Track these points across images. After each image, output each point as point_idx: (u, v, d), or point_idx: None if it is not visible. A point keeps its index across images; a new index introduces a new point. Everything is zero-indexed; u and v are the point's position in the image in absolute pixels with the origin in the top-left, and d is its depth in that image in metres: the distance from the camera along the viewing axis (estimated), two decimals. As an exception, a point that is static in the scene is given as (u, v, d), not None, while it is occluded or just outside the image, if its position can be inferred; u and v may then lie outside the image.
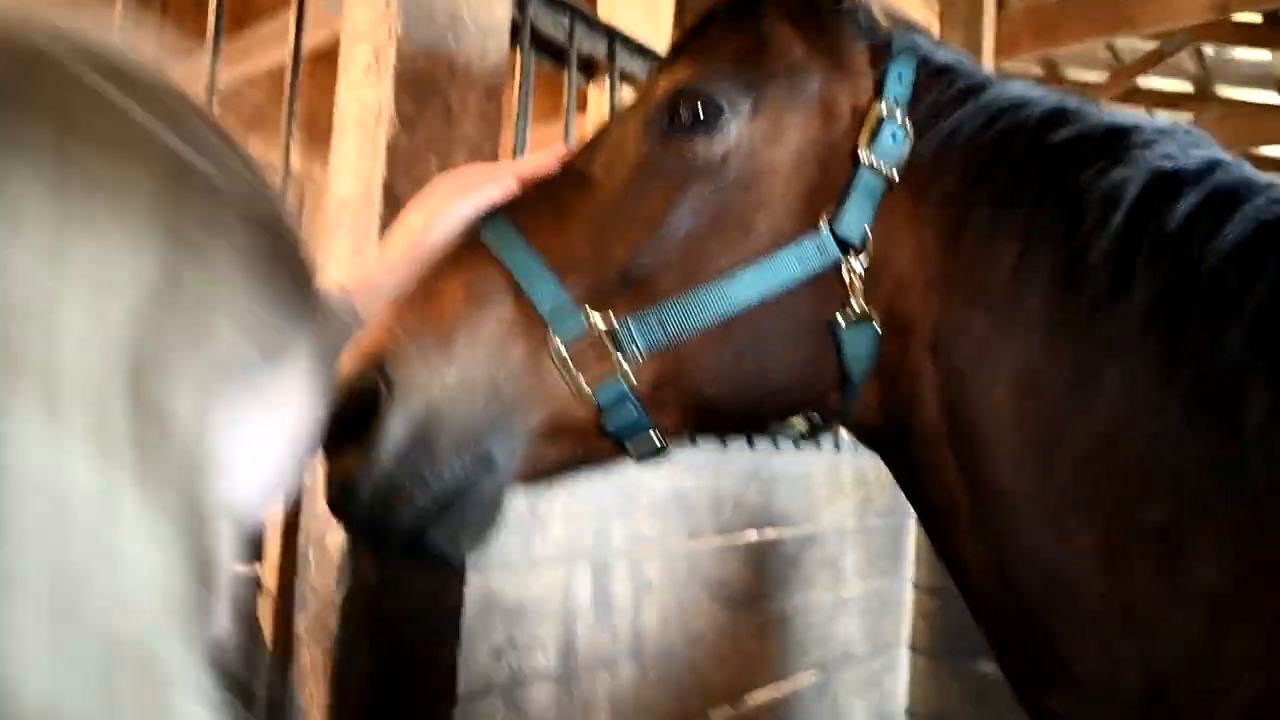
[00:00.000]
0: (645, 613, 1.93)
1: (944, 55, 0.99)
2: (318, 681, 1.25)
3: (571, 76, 1.83)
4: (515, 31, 1.69)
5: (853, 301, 0.89)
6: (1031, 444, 0.88)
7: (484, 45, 1.42)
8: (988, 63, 3.65)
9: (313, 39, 3.18)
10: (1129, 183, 0.85)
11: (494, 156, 1.45)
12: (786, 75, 0.92)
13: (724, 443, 2.20)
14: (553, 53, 1.85)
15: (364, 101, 1.34)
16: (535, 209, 0.91)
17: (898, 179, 0.90)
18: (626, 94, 2.10)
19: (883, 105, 0.91)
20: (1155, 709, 0.85)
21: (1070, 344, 0.86)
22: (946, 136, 0.91)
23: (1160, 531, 0.84)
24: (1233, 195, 0.85)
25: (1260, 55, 6.41)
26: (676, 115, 0.89)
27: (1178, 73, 7.34)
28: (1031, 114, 0.92)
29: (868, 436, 1.02)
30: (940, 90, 0.94)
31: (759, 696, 2.32)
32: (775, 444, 2.40)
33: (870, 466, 2.89)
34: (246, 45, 4.71)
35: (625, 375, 0.85)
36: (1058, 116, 0.92)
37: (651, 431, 0.89)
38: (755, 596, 2.30)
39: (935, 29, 3.69)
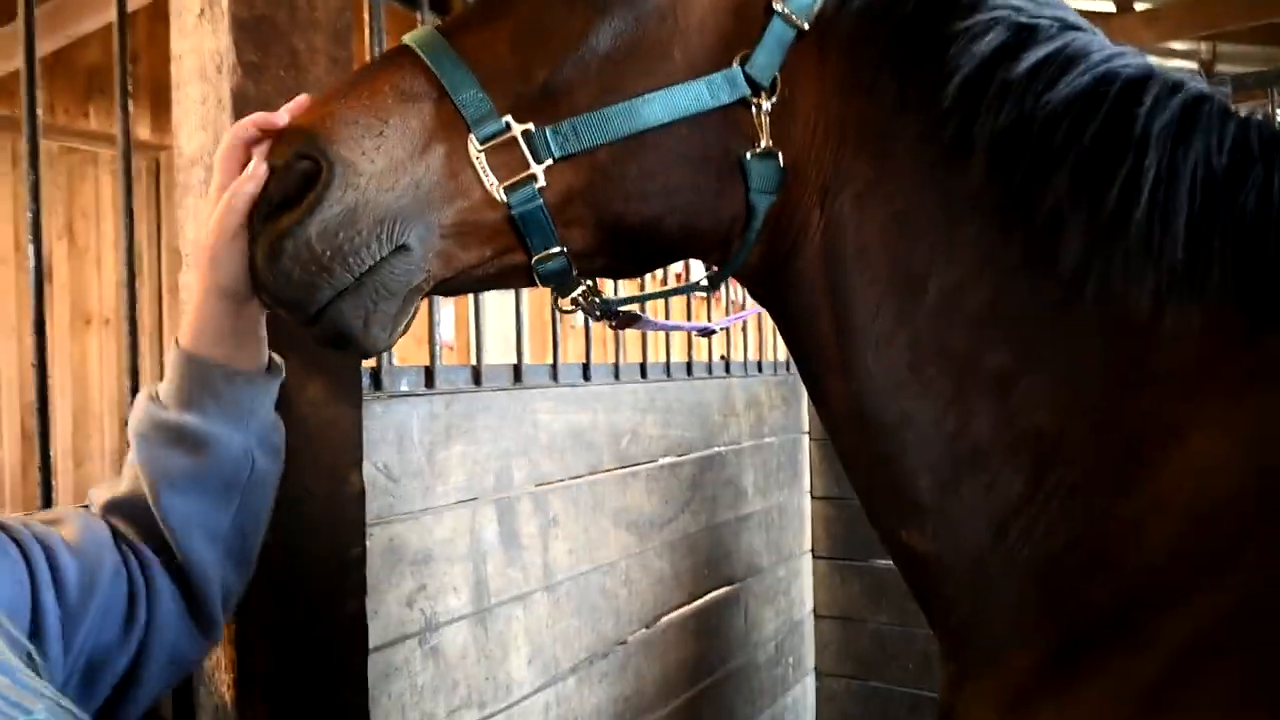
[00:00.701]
0: (553, 547, 1.97)
1: None
2: (221, 645, 1.23)
3: (424, 16, 1.78)
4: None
5: (761, 138, 0.96)
6: (895, 286, 0.96)
7: (325, -16, 1.37)
8: None
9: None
10: (989, 33, 0.93)
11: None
12: None
13: (617, 375, 2.24)
14: (403, -8, 1.79)
15: (202, 50, 1.27)
16: (466, 24, 0.97)
17: (806, 29, 0.97)
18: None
19: None
20: (999, 546, 0.94)
21: (932, 191, 0.94)
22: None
23: (1001, 378, 0.93)
24: (1079, 53, 0.94)
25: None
26: None
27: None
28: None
29: (754, 282, 1.09)
30: None
31: (672, 616, 2.41)
32: (668, 373, 2.46)
33: (761, 389, 3.00)
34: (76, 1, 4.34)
35: (535, 180, 0.91)
36: None
37: (559, 248, 0.95)
38: (661, 521, 2.38)
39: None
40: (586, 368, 2.13)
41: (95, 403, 5.37)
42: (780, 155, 0.97)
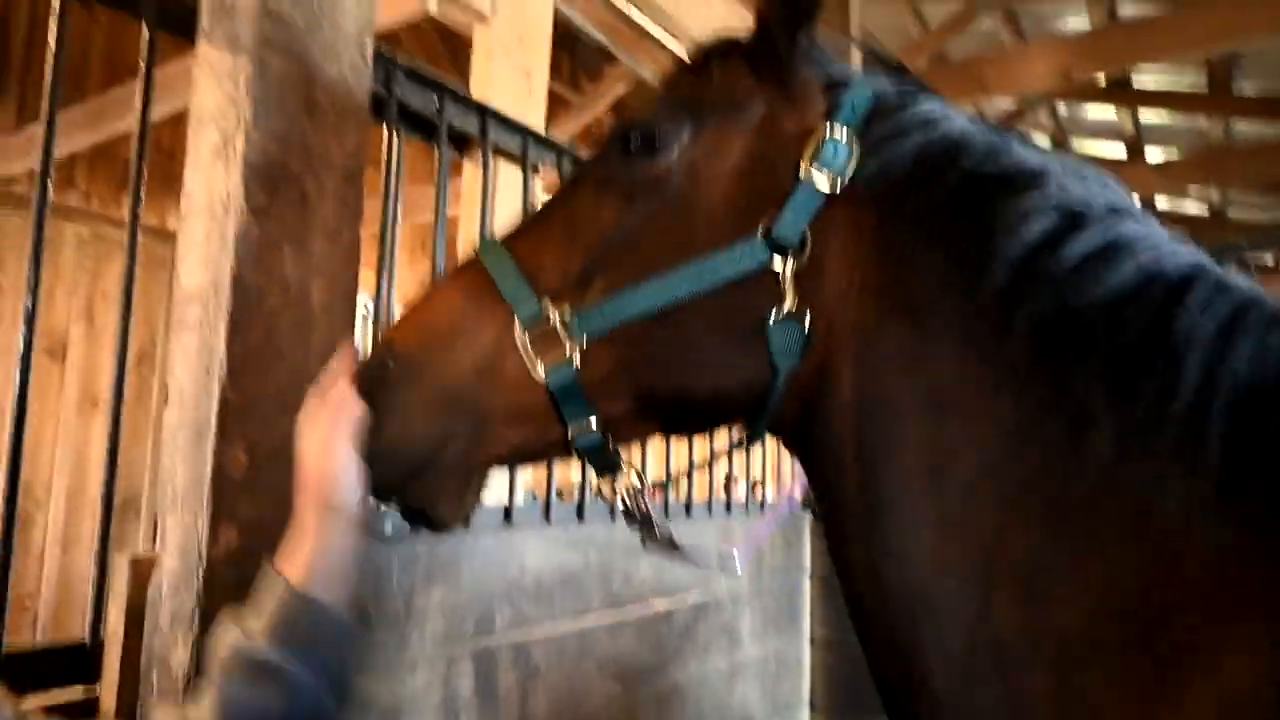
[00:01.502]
0: (533, 699, 1.86)
1: (903, 92, 1.05)
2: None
3: (443, 152, 1.81)
4: (384, 107, 1.67)
5: (785, 300, 0.96)
6: (926, 458, 0.93)
7: (342, 129, 1.38)
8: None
9: (179, 102, 3.05)
10: (1035, 216, 0.92)
11: (354, 242, 1.40)
12: (730, 103, 1.03)
13: (624, 507, 2.17)
14: (424, 128, 1.83)
15: (212, 188, 1.27)
16: (523, 229, 1.07)
17: (839, 191, 0.98)
18: (502, 169, 2.09)
19: (828, 126, 0.99)
20: None
21: (970, 366, 0.92)
22: (891, 161, 0.99)
23: (1029, 568, 0.87)
24: (1128, 244, 0.92)
25: (1107, 113, 6.94)
26: (626, 143, 1.02)
27: (1036, 127, 7.88)
28: (968, 149, 0.99)
29: (788, 436, 1.08)
30: (893, 121, 1.01)
31: (658, 772, 2.27)
32: (667, 513, 2.39)
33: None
34: (121, 99, 4.51)
35: (572, 361, 0.96)
36: (990, 153, 0.99)
37: (594, 419, 0.99)
38: (650, 669, 2.26)
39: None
40: (581, 507, 2.07)
41: (92, 486, 5.31)
42: (806, 316, 0.96)
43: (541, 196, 2.62)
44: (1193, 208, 8.99)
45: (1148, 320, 0.87)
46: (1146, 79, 6.22)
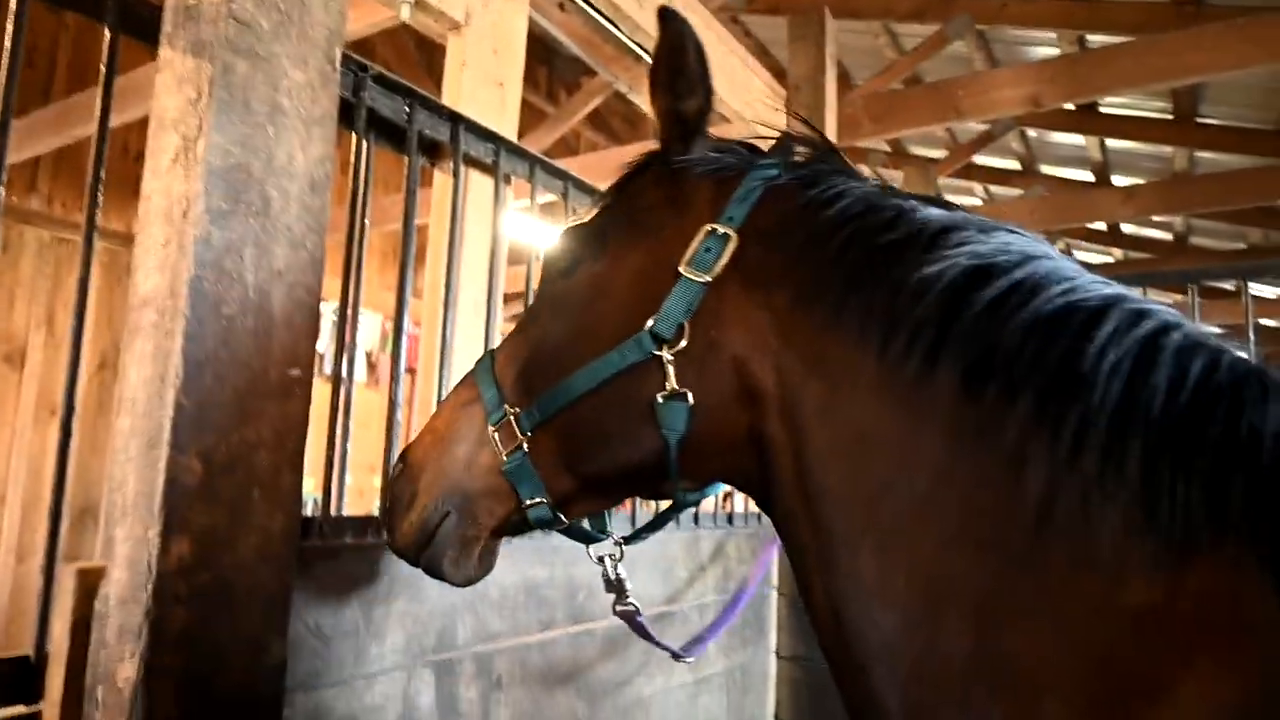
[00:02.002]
0: (495, 713, 1.84)
1: (808, 174, 1.14)
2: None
3: (413, 160, 1.80)
4: (353, 114, 1.65)
5: (668, 383, 1.08)
6: (860, 492, 0.99)
7: (307, 136, 1.37)
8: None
9: (147, 107, 3.02)
10: (942, 274, 0.98)
11: (318, 250, 1.39)
12: (632, 219, 1.19)
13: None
14: (394, 135, 1.82)
15: (171, 192, 1.25)
16: (504, 342, 1.28)
17: (713, 281, 1.09)
18: (473, 180, 2.08)
19: (708, 227, 1.11)
20: None
21: (893, 410, 0.98)
22: (785, 243, 1.09)
23: (975, 598, 0.90)
24: (1043, 282, 0.96)
25: (1075, 139, 7.07)
26: (552, 268, 1.25)
27: (1007, 152, 8.01)
28: (869, 218, 1.06)
29: (746, 490, 1.19)
30: (789, 203, 1.11)
31: (621, 789, 2.24)
32: (633, 524, 2.38)
33: (729, 541, 2.90)
34: (86, 103, 4.45)
35: (521, 448, 1.17)
36: (894, 219, 1.05)
37: (543, 497, 1.18)
38: (615, 683, 2.24)
39: (781, 113, 3.88)
40: (547, 519, 2.05)
41: (48, 496, 5.19)
42: (689, 395, 1.08)
43: (513, 206, 2.62)
44: (1157, 234, 9.17)
45: (1065, 351, 0.90)
46: (1116, 107, 6.35)
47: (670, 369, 1.07)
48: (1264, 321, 9.36)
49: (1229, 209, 6.43)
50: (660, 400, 1.08)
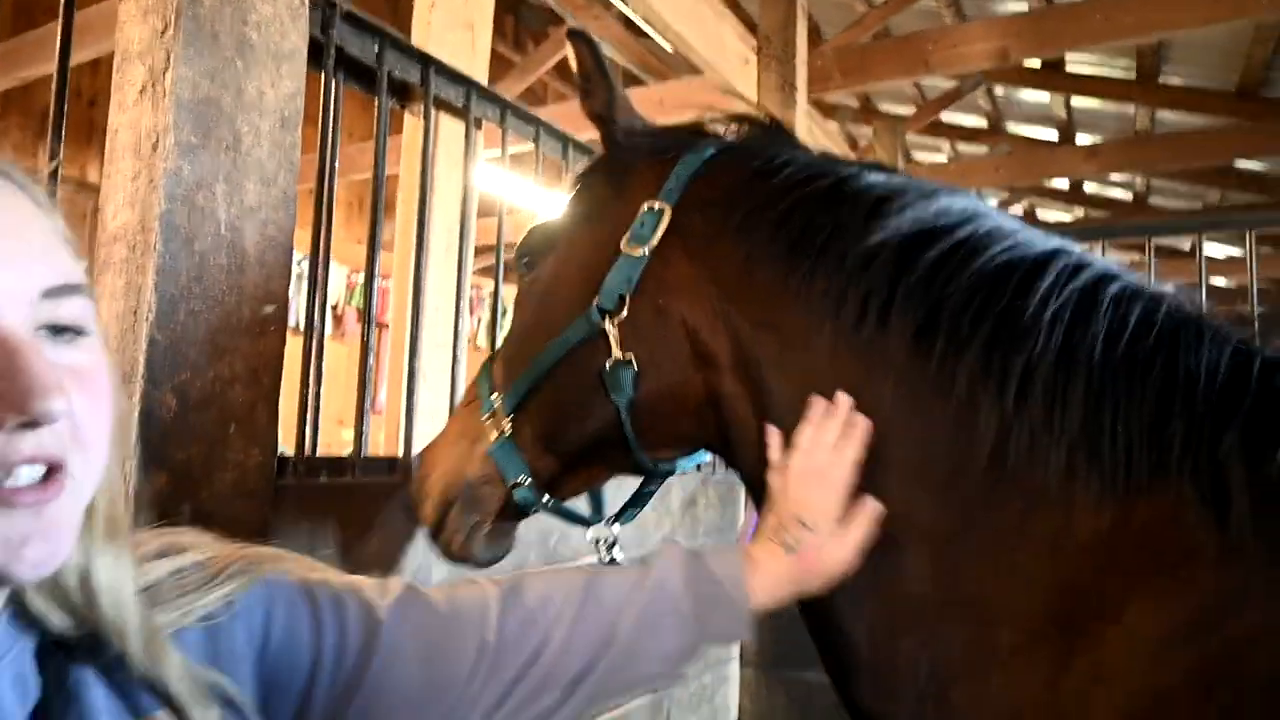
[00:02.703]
0: (469, 651, 1.88)
1: (750, 144, 1.22)
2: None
3: (382, 101, 1.78)
4: (321, 53, 1.63)
5: (613, 352, 1.15)
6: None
7: (276, 71, 1.35)
8: (802, 97, 3.86)
9: (97, 48, 2.93)
10: (886, 240, 1.02)
11: (289, 188, 1.38)
12: (585, 213, 1.27)
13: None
14: (363, 76, 1.79)
15: (139, 127, 1.24)
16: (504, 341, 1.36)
17: (650, 255, 1.15)
18: (444, 124, 2.06)
19: (645, 205, 1.17)
20: (941, 708, 0.93)
21: (850, 367, 1.03)
22: (732, 211, 1.13)
23: (934, 535, 0.96)
24: (986, 239, 1.01)
25: (1041, 97, 7.12)
26: (523, 261, 1.32)
27: (974, 110, 8.05)
28: (810, 189, 1.10)
29: (721, 454, 1.24)
30: (734, 175, 1.16)
31: (591, 725, 2.31)
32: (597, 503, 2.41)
33: (699, 489, 2.96)
34: (35, 42, 4.30)
35: (504, 432, 1.23)
36: (834, 188, 1.09)
37: (527, 477, 1.23)
38: (585, 624, 2.29)
39: (753, 65, 3.87)
40: (519, 463, 2.08)
41: None
42: (634, 361, 1.14)
43: (483, 156, 2.60)
44: (1118, 193, 9.32)
45: (1007, 305, 0.95)
46: (1081, 66, 6.41)
47: (613, 338, 1.14)
48: (1216, 281, 9.58)
49: (1187, 168, 6.56)
50: (607, 368, 1.15)
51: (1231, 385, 0.87)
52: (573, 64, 1.28)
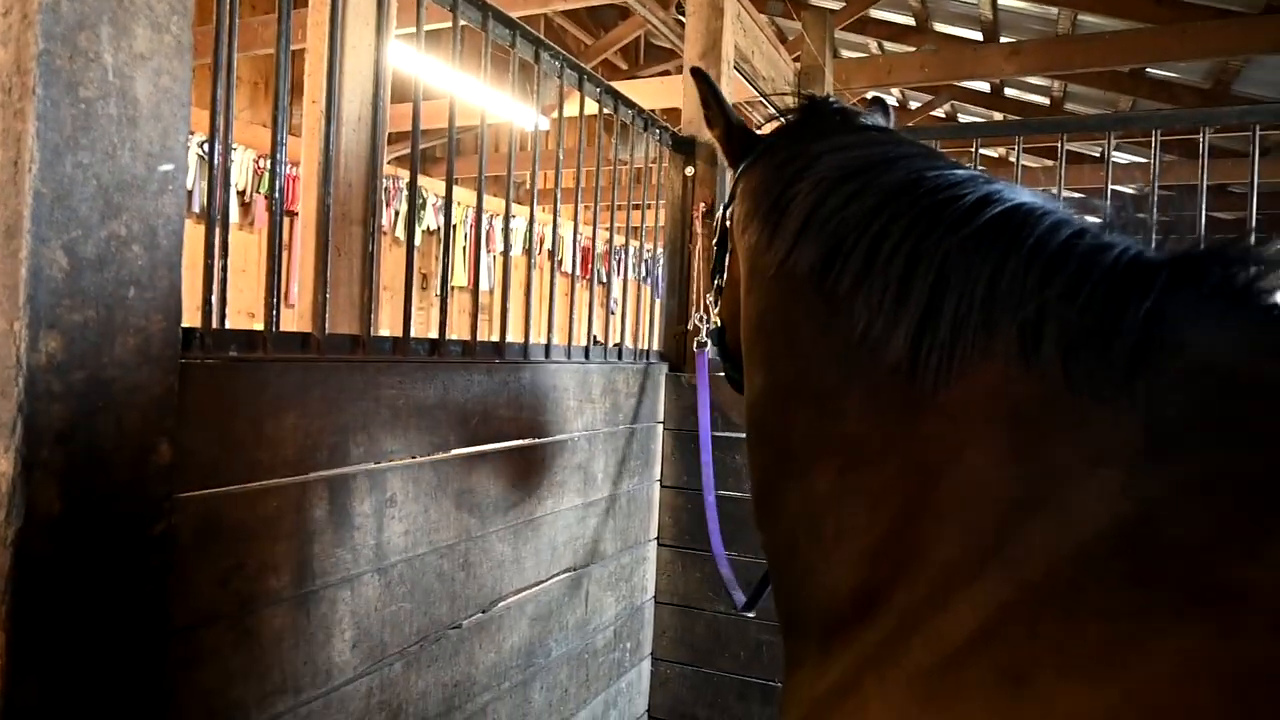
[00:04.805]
0: (389, 528, 1.89)
1: (774, 141, 1.53)
2: (-8, 629, 1.10)
3: (285, -48, 1.65)
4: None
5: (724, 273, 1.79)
6: (765, 359, 1.32)
7: (164, -99, 1.23)
8: (732, -20, 3.74)
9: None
10: (812, 184, 1.26)
11: (185, 34, 1.28)
12: (732, 193, 1.66)
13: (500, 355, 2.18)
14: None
15: (9, -45, 1.12)
16: None
17: (729, 216, 1.67)
18: (352, -22, 1.93)
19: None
20: (814, 537, 1.14)
21: (779, 295, 1.30)
22: (749, 196, 1.49)
23: (820, 394, 1.16)
24: (872, 178, 1.20)
25: (968, -5, 7.08)
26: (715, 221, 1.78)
27: (903, 8, 7.97)
28: (783, 163, 1.40)
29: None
30: (757, 169, 1.52)
31: (510, 601, 2.38)
32: (525, 355, 2.41)
33: (619, 376, 2.99)
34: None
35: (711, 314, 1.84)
36: (793, 158, 1.38)
37: (724, 342, 1.80)
38: (506, 505, 2.33)
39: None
40: (436, 344, 2.06)
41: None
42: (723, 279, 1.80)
43: (395, 33, 2.44)
44: (1036, 98, 9.47)
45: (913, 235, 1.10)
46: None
47: (726, 267, 1.76)
48: (1123, 189, 9.93)
49: (1103, 71, 6.67)
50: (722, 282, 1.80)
51: (1058, 260, 0.98)
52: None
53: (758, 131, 1.70)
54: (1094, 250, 0.97)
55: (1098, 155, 10.19)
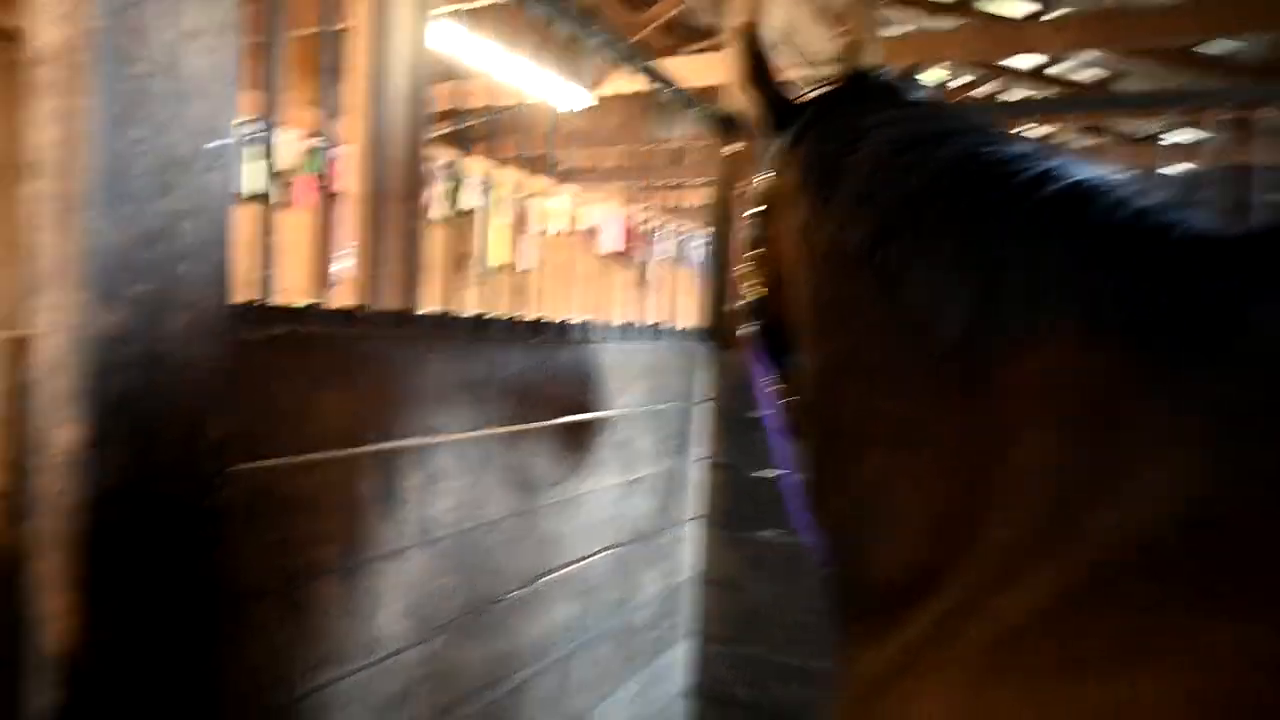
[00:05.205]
0: (435, 503, 1.91)
1: (811, 116, 1.47)
2: (58, 593, 1.14)
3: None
4: None
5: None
6: (815, 337, 1.29)
7: (213, -123, 1.23)
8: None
9: None
10: (864, 158, 1.22)
11: (232, 10, 1.28)
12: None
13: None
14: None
15: (63, -68, 1.13)
16: None
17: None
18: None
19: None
20: (860, 512, 1.15)
21: (830, 272, 1.24)
22: (790, 153, 1.45)
23: (868, 370, 1.14)
24: (926, 153, 1.16)
25: (1016, -32, 6.90)
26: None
27: (948, -19, 7.79)
28: (826, 139, 1.37)
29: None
30: (803, 131, 1.46)
31: (554, 576, 2.40)
32: (563, 335, 2.41)
33: (661, 355, 2.99)
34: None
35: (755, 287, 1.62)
36: (846, 129, 1.31)
37: (764, 318, 1.58)
38: (549, 481, 2.34)
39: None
40: (482, 321, 2.07)
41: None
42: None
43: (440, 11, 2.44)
44: (1084, 74, 9.22)
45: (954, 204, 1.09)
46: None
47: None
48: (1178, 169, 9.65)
49: (1154, 47, 6.48)
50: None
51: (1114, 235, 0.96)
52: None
53: (801, 100, 1.65)
54: (1158, 228, 0.94)
55: (1145, 137, 9.90)
